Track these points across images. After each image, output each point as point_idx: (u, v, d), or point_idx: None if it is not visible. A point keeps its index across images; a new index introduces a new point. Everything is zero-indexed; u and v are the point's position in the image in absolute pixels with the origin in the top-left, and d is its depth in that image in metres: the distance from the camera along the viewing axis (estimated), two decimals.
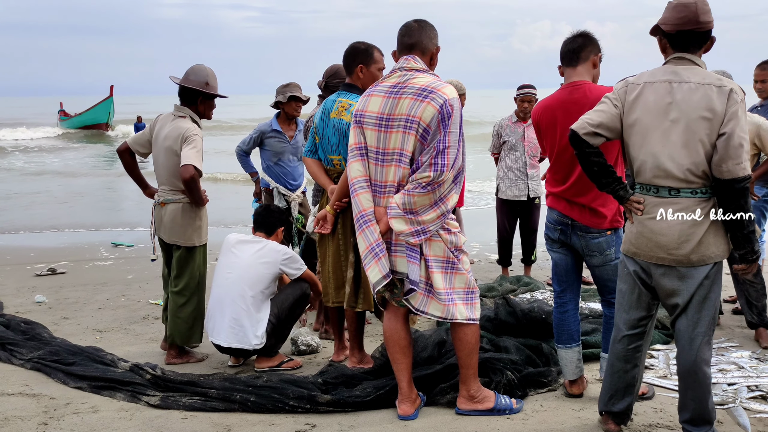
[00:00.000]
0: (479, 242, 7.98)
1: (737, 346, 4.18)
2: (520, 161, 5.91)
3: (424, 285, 3.09)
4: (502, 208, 6.06)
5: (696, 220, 2.64)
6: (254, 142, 5.24)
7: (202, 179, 4.09)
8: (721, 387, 3.49)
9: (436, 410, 3.33)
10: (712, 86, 2.60)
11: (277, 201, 5.13)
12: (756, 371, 3.69)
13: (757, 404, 3.29)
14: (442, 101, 2.93)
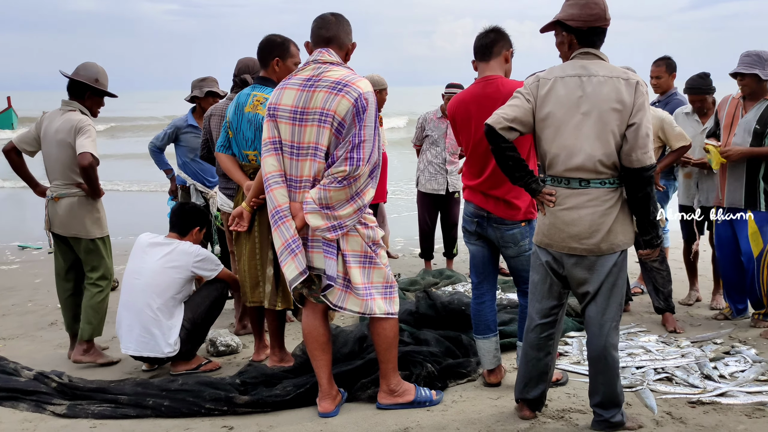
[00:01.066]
0: (403, 237, 8.03)
1: (645, 331, 4.37)
2: (440, 157, 5.97)
3: (341, 280, 3.06)
4: (423, 201, 6.11)
5: (605, 210, 2.74)
6: (168, 137, 5.07)
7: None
8: (630, 371, 3.64)
9: (357, 406, 3.32)
10: (620, 79, 2.70)
11: (194, 198, 4.98)
12: (662, 354, 3.86)
13: (663, 386, 3.44)
14: (357, 95, 2.90)
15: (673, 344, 4.05)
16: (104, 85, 4.15)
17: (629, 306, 4.89)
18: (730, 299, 4.62)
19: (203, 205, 4.91)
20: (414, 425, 3.06)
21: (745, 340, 4.13)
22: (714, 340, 4.14)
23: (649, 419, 3.05)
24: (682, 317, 4.68)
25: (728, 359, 3.74)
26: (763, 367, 3.60)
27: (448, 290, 5.10)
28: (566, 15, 2.79)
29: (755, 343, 4.07)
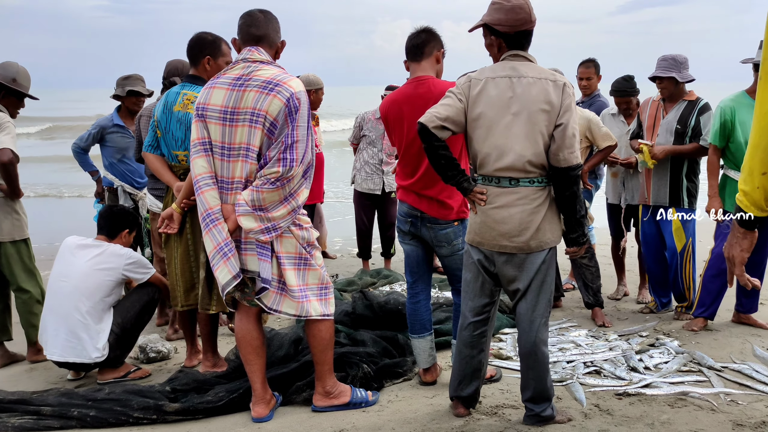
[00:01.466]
0: (342, 237, 8.01)
1: (576, 326, 4.49)
2: (377, 157, 5.98)
3: (276, 283, 3.02)
4: (359, 201, 6.11)
5: (534, 208, 2.79)
6: (93, 138, 4.88)
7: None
8: (561, 365, 3.73)
9: (292, 409, 3.28)
10: (548, 80, 2.76)
11: (122, 200, 4.82)
12: (591, 348, 3.98)
13: (592, 379, 3.55)
14: (289, 94, 2.86)
15: (601, 338, 4.18)
16: (23, 86, 4.02)
17: (561, 302, 5.02)
18: (655, 293, 4.80)
19: (132, 207, 4.76)
20: (349, 427, 3.04)
21: (668, 333, 4.30)
22: (640, 333, 4.29)
23: (578, 412, 3.13)
24: (611, 312, 4.83)
25: (653, 351, 3.89)
26: (686, 358, 3.75)
27: (385, 290, 5.11)
28: (494, 20, 2.82)
29: (678, 335, 4.24)
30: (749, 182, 1.80)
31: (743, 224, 1.86)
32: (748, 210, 1.82)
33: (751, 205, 1.81)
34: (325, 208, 6.89)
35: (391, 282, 5.42)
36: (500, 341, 4.21)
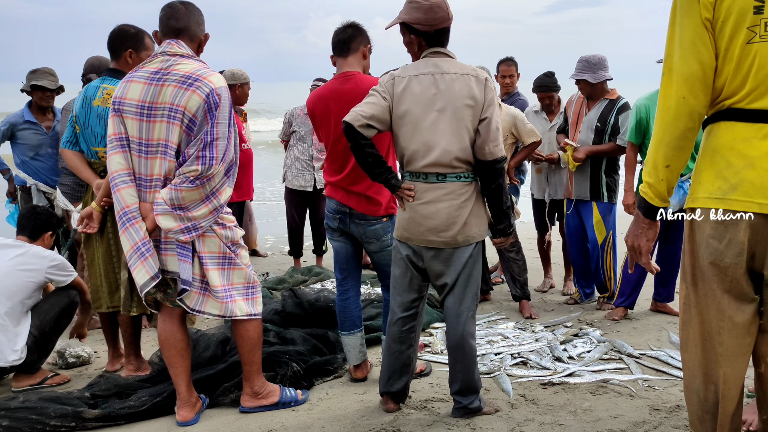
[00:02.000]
0: (273, 235, 7.91)
1: (504, 319, 4.58)
2: (307, 153, 5.93)
3: (199, 283, 2.94)
4: (290, 198, 6.04)
5: (461, 203, 2.82)
6: (3, 135, 4.63)
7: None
8: (489, 357, 3.80)
9: (219, 411, 3.21)
10: (470, 76, 2.80)
11: (36, 199, 4.60)
12: (518, 340, 4.07)
13: (519, 370, 3.62)
14: (209, 90, 2.78)
15: (528, 330, 4.28)
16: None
17: (490, 295, 5.12)
18: (579, 284, 4.96)
19: (48, 206, 4.54)
20: (278, 426, 3.00)
21: (591, 323, 4.45)
22: (565, 323, 4.42)
23: (505, 402, 3.19)
24: (538, 303, 4.96)
25: (576, 341, 4.01)
26: (607, 346, 3.88)
27: (316, 288, 5.07)
28: (412, 18, 2.83)
29: (600, 324, 4.39)
30: (654, 175, 1.86)
31: (648, 215, 1.92)
32: (652, 201, 1.89)
33: (655, 197, 1.88)
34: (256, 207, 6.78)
35: (323, 279, 5.39)
36: (430, 335, 4.25)
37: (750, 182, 1.73)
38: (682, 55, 1.77)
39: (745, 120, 1.76)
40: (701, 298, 1.87)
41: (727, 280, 1.80)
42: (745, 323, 1.82)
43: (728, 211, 1.76)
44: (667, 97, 1.81)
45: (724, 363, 1.84)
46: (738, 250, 1.76)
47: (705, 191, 1.82)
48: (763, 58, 1.70)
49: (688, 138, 1.80)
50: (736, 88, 1.76)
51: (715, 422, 1.89)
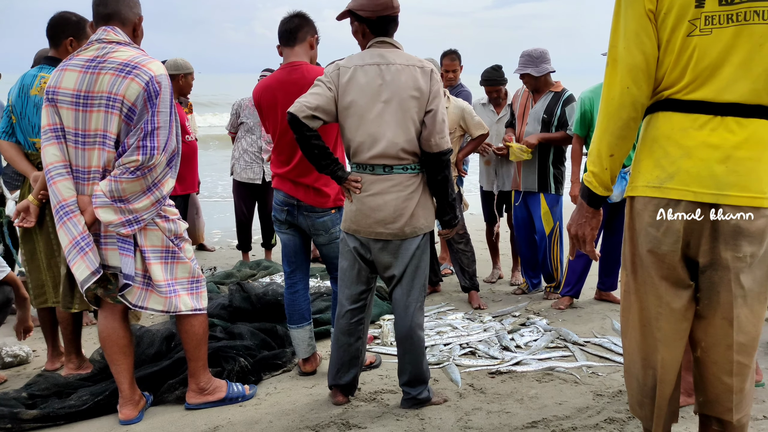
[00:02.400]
0: (221, 228, 7.78)
1: (453, 309, 4.62)
2: (256, 145, 5.84)
3: (141, 278, 2.87)
4: (239, 191, 5.95)
5: (408, 195, 2.82)
6: None
7: None
8: (438, 348, 3.82)
9: (164, 409, 3.14)
10: (416, 67, 2.79)
11: None
12: (467, 330, 4.10)
13: (467, 360, 3.66)
14: (148, 78, 2.70)
15: (477, 320, 4.32)
16: None
17: (439, 287, 5.15)
18: (527, 275, 5.04)
19: None
20: (225, 423, 2.95)
21: (538, 312, 4.52)
22: (512, 313, 4.48)
23: (454, 392, 3.21)
24: (486, 294, 5.01)
25: (523, 330, 4.07)
26: (553, 335, 3.96)
27: (265, 281, 5.01)
28: (356, 5, 2.82)
29: (547, 313, 4.47)
30: (598, 164, 1.89)
31: (592, 204, 1.95)
32: (596, 190, 1.92)
33: (599, 186, 1.91)
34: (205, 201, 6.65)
35: (272, 273, 5.32)
36: (379, 327, 4.25)
37: (686, 171, 1.77)
38: (627, 45, 1.80)
39: (682, 111, 1.80)
40: (640, 285, 1.91)
41: (665, 267, 1.85)
42: (681, 309, 1.87)
43: (665, 199, 1.81)
44: (611, 86, 1.83)
45: (662, 348, 1.89)
46: (674, 237, 1.81)
47: (644, 180, 1.86)
48: (701, 51, 1.74)
49: (631, 128, 1.83)
50: (675, 79, 1.80)
51: (653, 406, 1.94)
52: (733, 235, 1.78)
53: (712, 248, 1.80)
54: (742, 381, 1.88)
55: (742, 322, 1.84)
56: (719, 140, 1.75)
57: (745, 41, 1.73)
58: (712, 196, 1.76)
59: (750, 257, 1.80)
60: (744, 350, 1.86)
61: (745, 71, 1.74)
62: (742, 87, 1.74)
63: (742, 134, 1.75)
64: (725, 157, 1.75)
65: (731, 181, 1.75)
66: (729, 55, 1.74)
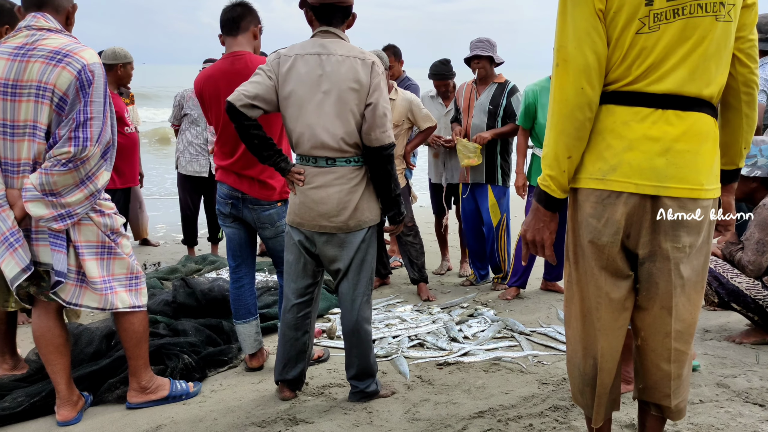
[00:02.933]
0: (165, 223, 7.60)
1: (402, 302, 4.62)
2: (201, 137, 5.72)
3: (75, 275, 2.76)
4: (184, 185, 5.82)
5: (351, 188, 2.78)
6: None
7: None
8: (386, 341, 3.81)
9: (104, 409, 3.04)
10: (357, 59, 2.74)
11: None
12: (416, 322, 4.11)
13: (416, 352, 3.66)
14: (81, 66, 2.59)
15: (425, 312, 4.33)
16: None
17: (388, 279, 5.15)
18: (475, 266, 5.08)
19: None
20: (168, 421, 2.88)
21: (486, 303, 4.57)
22: (461, 304, 4.52)
23: (402, 384, 3.21)
24: (435, 286, 5.04)
25: (471, 321, 4.10)
26: (500, 325, 4.00)
27: (211, 276, 4.91)
28: None
29: (494, 304, 4.52)
30: (555, 167, 1.85)
31: (549, 207, 1.91)
32: (554, 194, 1.88)
33: (557, 189, 1.87)
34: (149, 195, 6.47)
35: (218, 268, 5.23)
36: (328, 321, 4.22)
37: (628, 164, 1.79)
38: (578, 45, 1.77)
39: (625, 104, 1.81)
40: (581, 276, 1.93)
41: (604, 258, 1.87)
42: (620, 299, 1.90)
43: (607, 191, 1.82)
44: (564, 88, 1.80)
45: (602, 337, 1.92)
46: (615, 229, 1.83)
47: (587, 172, 1.86)
48: (648, 48, 1.75)
49: (586, 128, 1.82)
50: (621, 74, 1.80)
51: (593, 394, 1.97)
52: (673, 226, 1.81)
53: (652, 239, 1.83)
54: (680, 367, 1.93)
55: (680, 310, 1.88)
56: (659, 133, 1.77)
57: (689, 35, 1.75)
58: (653, 188, 1.78)
59: (689, 248, 1.83)
60: (681, 337, 1.90)
61: (686, 64, 1.76)
62: (682, 79, 1.76)
63: (681, 127, 1.77)
64: (665, 150, 1.77)
65: (670, 173, 1.77)
66: (674, 48, 1.75)
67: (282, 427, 2.77)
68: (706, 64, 1.77)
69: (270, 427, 2.78)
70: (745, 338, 3.60)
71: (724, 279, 3.52)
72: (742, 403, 2.82)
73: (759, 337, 3.57)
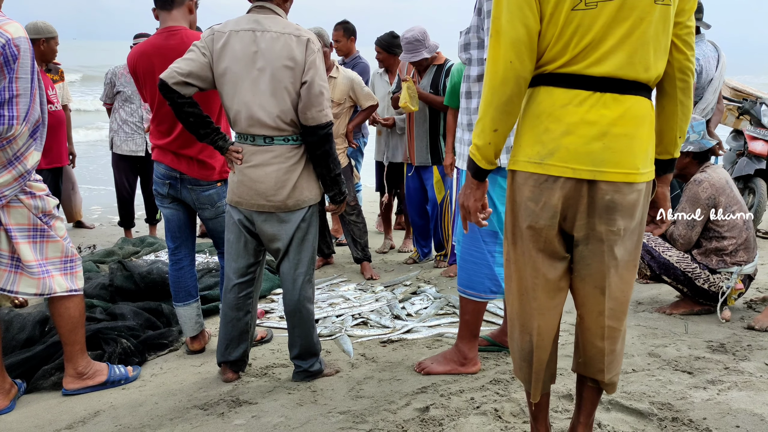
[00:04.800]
0: (100, 204, 7.36)
1: (346, 281, 4.63)
2: (136, 115, 5.55)
3: (8, 260, 2.66)
4: (119, 165, 5.64)
5: (290, 167, 2.75)
6: None
7: None
8: (330, 320, 3.82)
9: (39, 396, 2.96)
10: (292, 36, 2.69)
11: None
12: (359, 301, 4.13)
13: (359, 330, 3.68)
14: (5, 41, 2.46)
15: (369, 290, 4.36)
16: None
17: (332, 258, 5.14)
18: (418, 244, 5.13)
19: None
20: (107, 407, 2.81)
21: (429, 280, 4.62)
22: (404, 282, 4.56)
23: (346, 363, 3.23)
24: (378, 264, 5.06)
25: (414, 299, 4.15)
26: (442, 302, 4.06)
27: (149, 259, 4.80)
28: None
29: (437, 281, 4.58)
30: (482, 138, 1.86)
31: (476, 177, 1.95)
32: (479, 163, 1.90)
33: (482, 159, 1.89)
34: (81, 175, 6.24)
35: (156, 250, 5.11)
36: (272, 301, 4.19)
37: (566, 148, 1.80)
38: (510, 18, 1.76)
39: (563, 85, 1.81)
40: (519, 256, 1.96)
41: (542, 240, 1.90)
42: (556, 279, 1.94)
43: (544, 175, 1.84)
44: (495, 60, 1.80)
45: (538, 316, 1.96)
46: (552, 212, 1.85)
47: (525, 155, 1.87)
48: (585, 26, 1.75)
49: (514, 103, 1.82)
50: (557, 53, 1.79)
51: (530, 369, 2.02)
52: (608, 210, 1.83)
53: (587, 223, 1.86)
54: (613, 343, 1.99)
55: (613, 289, 1.93)
56: (596, 117, 1.78)
57: (627, 15, 1.74)
58: (590, 173, 1.79)
59: (623, 230, 1.87)
60: (614, 315, 1.95)
61: (625, 47, 1.76)
62: (621, 63, 1.76)
63: (617, 110, 1.78)
64: (602, 134, 1.78)
65: (606, 157, 1.79)
66: (611, 29, 1.75)
67: (225, 408, 2.74)
68: (645, 47, 1.77)
69: (213, 409, 2.75)
70: (675, 309, 3.76)
71: (656, 252, 3.66)
72: (672, 371, 2.95)
73: (688, 308, 3.74)
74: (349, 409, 2.67)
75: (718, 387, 2.75)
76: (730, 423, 2.44)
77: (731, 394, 2.67)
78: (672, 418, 2.48)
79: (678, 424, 2.44)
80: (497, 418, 2.53)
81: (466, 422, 2.50)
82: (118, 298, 3.88)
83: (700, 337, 3.37)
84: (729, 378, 2.83)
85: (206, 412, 2.72)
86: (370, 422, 2.55)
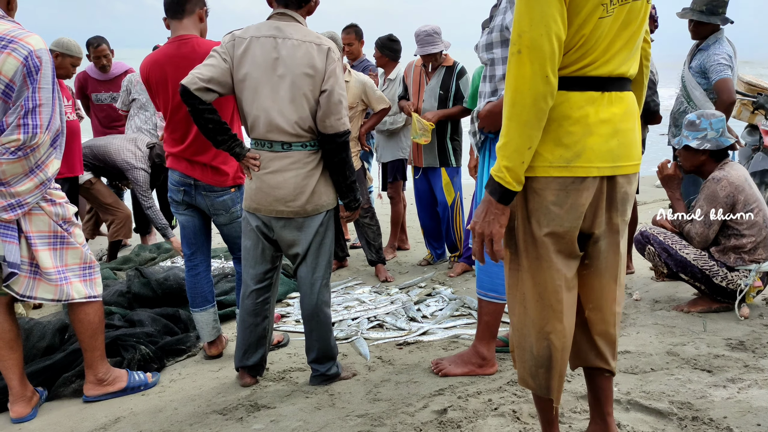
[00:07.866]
0: None
1: (361, 284, 4.64)
2: (151, 122, 5.60)
3: (28, 266, 2.69)
4: None
5: (308, 172, 2.77)
6: None
7: None
8: (346, 323, 3.83)
9: (60, 403, 2.99)
10: (313, 44, 2.71)
11: None
12: (375, 303, 4.14)
13: (375, 333, 3.69)
14: (27, 52, 2.50)
15: (384, 293, 4.37)
16: None
17: (346, 261, 5.16)
18: (431, 246, 5.13)
19: None
20: (127, 413, 2.84)
21: (443, 282, 4.62)
22: (418, 284, 4.56)
23: (363, 366, 3.24)
24: (392, 267, 5.07)
25: (429, 300, 4.15)
26: (458, 303, 4.06)
27: (166, 265, 4.83)
28: None
29: (451, 283, 4.58)
30: (515, 159, 1.77)
31: (503, 200, 1.83)
32: (509, 186, 1.80)
33: (513, 181, 1.79)
34: None
35: (173, 256, 5.15)
36: (288, 305, 4.21)
37: (591, 149, 1.81)
38: (546, 32, 1.70)
39: (577, 89, 1.81)
40: (532, 262, 1.91)
41: (563, 243, 1.89)
42: (573, 278, 1.95)
43: (570, 177, 1.83)
44: (524, 77, 1.72)
45: (564, 318, 1.93)
46: (577, 213, 1.85)
47: (545, 161, 1.83)
48: (605, 32, 1.77)
49: (546, 117, 1.78)
50: (577, 59, 1.79)
51: (548, 374, 1.99)
52: (622, 202, 1.91)
53: (607, 217, 1.90)
54: (618, 328, 2.06)
55: (620, 276, 2.01)
56: (609, 115, 1.82)
57: (632, 18, 1.81)
58: (611, 169, 1.85)
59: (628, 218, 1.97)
60: (621, 300, 2.04)
61: (627, 46, 1.83)
62: (619, 61, 1.83)
63: (622, 107, 1.85)
64: (615, 131, 1.83)
65: (622, 153, 1.85)
66: (620, 32, 1.81)
67: (243, 413, 2.76)
68: (637, 45, 1.86)
69: (231, 413, 2.77)
70: (693, 307, 3.73)
71: (673, 250, 3.63)
72: (691, 369, 2.93)
73: (706, 305, 3.71)
74: (366, 412, 2.68)
75: (738, 385, 2.72)
76: (751, 421, 2.42)
77: (751, 392, 2.65)
78: (692, 418, 2.46)
79: (698, 423, 2.43)
80: (516, 420, 2.53)
81: (484, 424, 2.49)
82: (136, 305, 3.92)
83: (719, 335, 3.34)
84: (749, 376, 2.81)
85: (225, 417, 2.74)
86: (388, 425, 2.55)
